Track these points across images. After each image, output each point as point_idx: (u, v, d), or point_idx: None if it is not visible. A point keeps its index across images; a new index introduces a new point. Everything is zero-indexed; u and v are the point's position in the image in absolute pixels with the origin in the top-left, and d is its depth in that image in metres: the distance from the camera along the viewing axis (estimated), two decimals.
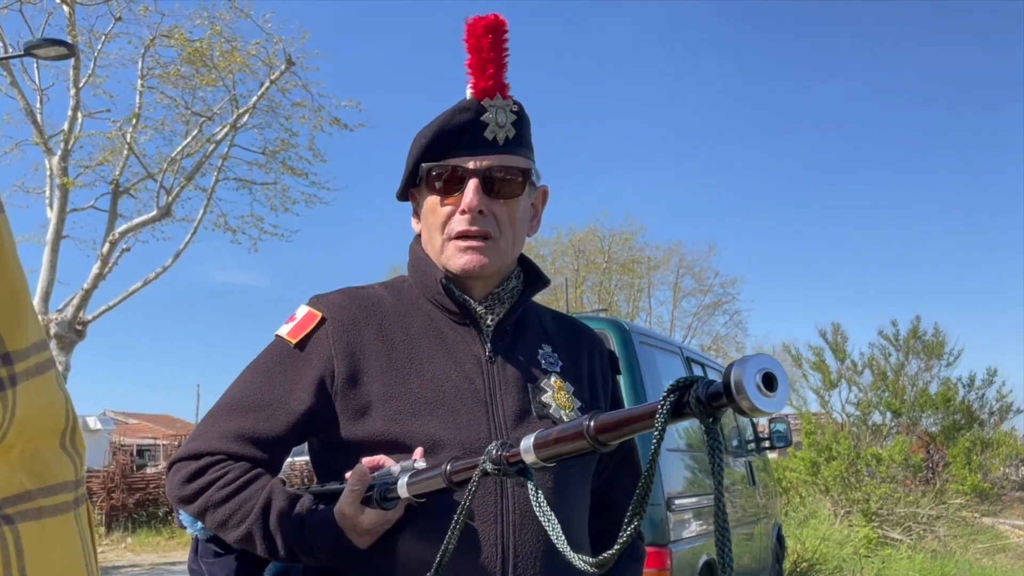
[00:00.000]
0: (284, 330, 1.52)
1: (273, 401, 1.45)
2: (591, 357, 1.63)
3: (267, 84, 15.01)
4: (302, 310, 1.53)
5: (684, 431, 5.80)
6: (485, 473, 1.18)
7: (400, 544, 1.39)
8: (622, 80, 49.13)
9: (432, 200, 1.51)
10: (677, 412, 0.92)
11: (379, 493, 1.34)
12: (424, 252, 1.56)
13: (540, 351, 1.56)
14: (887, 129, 47.18)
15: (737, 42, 48.45)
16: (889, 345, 16.20)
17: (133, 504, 15.82)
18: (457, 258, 1.48)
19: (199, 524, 1.49)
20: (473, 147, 1.46)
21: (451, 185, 1.48)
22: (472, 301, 1.52)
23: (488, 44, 1.42)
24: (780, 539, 8.35)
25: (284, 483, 1.45)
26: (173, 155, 15.09)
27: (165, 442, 20.97)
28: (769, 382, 0.85)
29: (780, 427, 7.68)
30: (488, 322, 1.52)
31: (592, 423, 1.03)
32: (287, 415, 1.45)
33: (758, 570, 6.99)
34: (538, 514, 1.12)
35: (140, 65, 14.80)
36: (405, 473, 1.32)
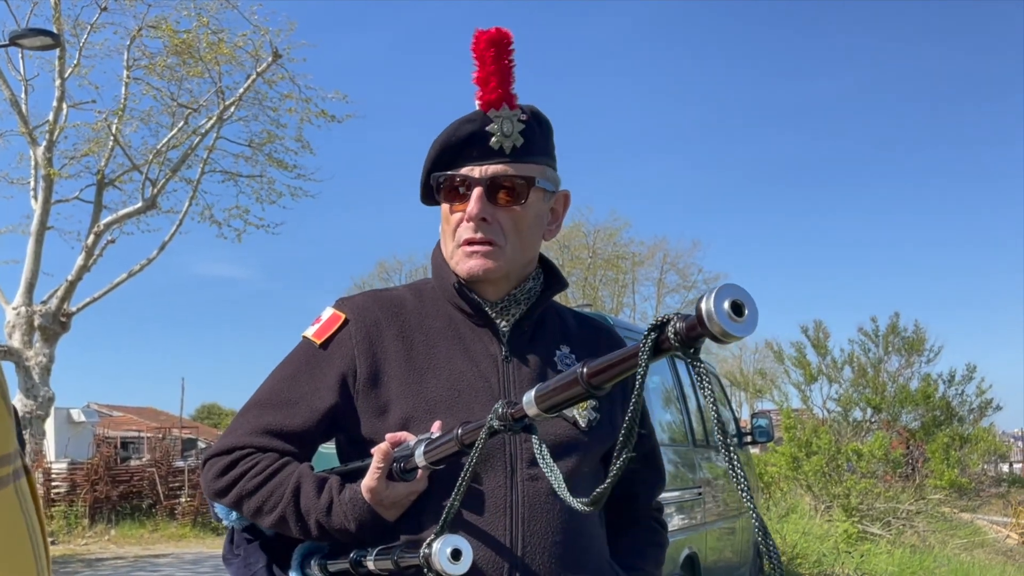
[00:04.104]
0: (310, 331, 1.58)
1: (299, 399, 1.52)
2: None
3: (253, 76, 14.97)
4: (327, 312, 1.59)
5: (668, 425, 5.87)
6: (492, 431, 1.24)
7: (425, 514, 1.45)
8: (608, 76, 49.20)
9: (444, 208, 1.56)
10: (659, 349, 0.98)
11: (399, 466, 1.42)
12: (443, 256, 1.61)
13: (558, 351, 1.60)
14: (872, 127, 47.44)
15: (724, 38, 48.62)
16: (869, 341, 16.32)
17: (117, 496, 15.76)
18: (463, 263, 1.53)
19: (234, 515, 1.54)
20: (479, 156, 1.50)
21: (458, 194, 1.53)
22: (485, 303, 1.57)
23: (491, 57, 1.46)
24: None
25: (312, 468, 1.51)
26: (159, 147, 15.05)
27: (149, 435, 20.92)
28: (738, 309, 0.90)
29: (762, 422, 7.63)
30: (502, 323, 1.58)
31: (585, 369, 1.10)
32: (312, 412, 1.51)
33: (739, 564, 7.07)
34: (541, 464, 1.21)
35: (126, 56, 14.76)
36: (421, 444, 1.39)
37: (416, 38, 49.93)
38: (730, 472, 0.94)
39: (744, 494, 0.91)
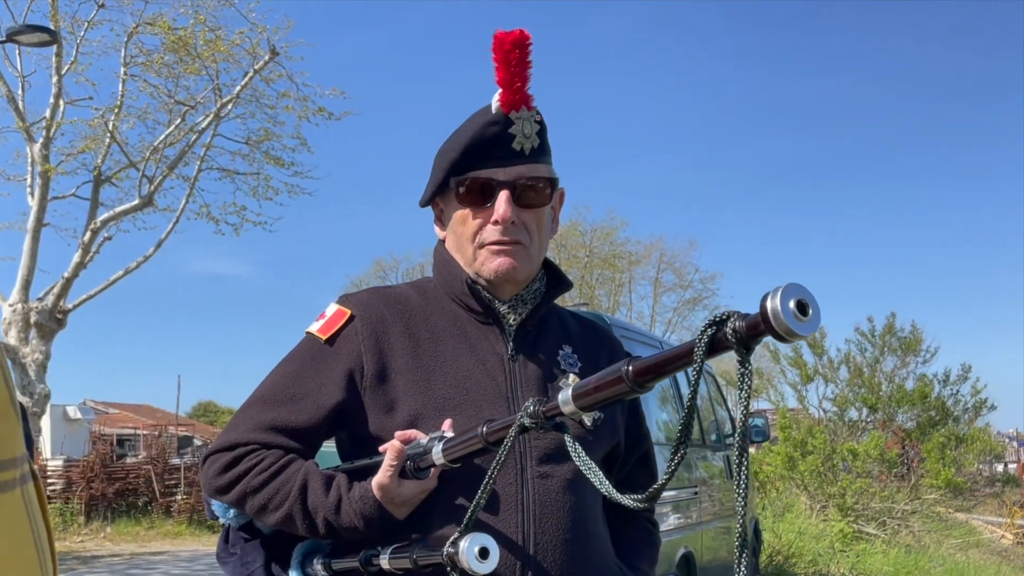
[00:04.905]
0: (315, 327, 1.56)
1: (304, 395, 1.50)
2: (610, 359, 1.66)
3: (251, 74, 14.95)
4: (331, 308, 1.58)
5: (664, 425, 5.88)
6: (523, 428, 1.21)
7: (435, 513, 1.45)
8: (608, 75, 49.19)
9: (462, 211, 1.54)
10: (714, 347, 0.95)
11: (412, 464, 1.40)
12: (449, 254, 1.60)
13: (560, 351, 1.60)
14: (872, 127, 47.48)
15: (723, 38, 48.59)
16: (865, 341, 16.35)
17: (113, 494, 15.77)
18: (490, 262, 1.52)
19: (231, 512, 1.52)
20: (502, 158, 1.50)
21: (482, 196, 1.52)
22: (497, 301, 1.56)
23: (516, 59, 1.45)
24: (757, 533, 8.45)
25: (317, 465, 1.50)
26: (156, 144, 15.01)
27: (145, 432, 20.90)
28: (803, 308, 0.88)
29: (758, 422, 7.66)
30: (511, 322, 1.57)
31: (631, 367, 1.07)
32: (318, 408, 1.50)
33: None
34: (578, 463, 1.18)
35: (123, 53, 14.71)
36: (436, 442, 1.38)
37: (415, 38, 49.88)
38: (736, 475, 0.93)
39: (742, 495, 0.90)
